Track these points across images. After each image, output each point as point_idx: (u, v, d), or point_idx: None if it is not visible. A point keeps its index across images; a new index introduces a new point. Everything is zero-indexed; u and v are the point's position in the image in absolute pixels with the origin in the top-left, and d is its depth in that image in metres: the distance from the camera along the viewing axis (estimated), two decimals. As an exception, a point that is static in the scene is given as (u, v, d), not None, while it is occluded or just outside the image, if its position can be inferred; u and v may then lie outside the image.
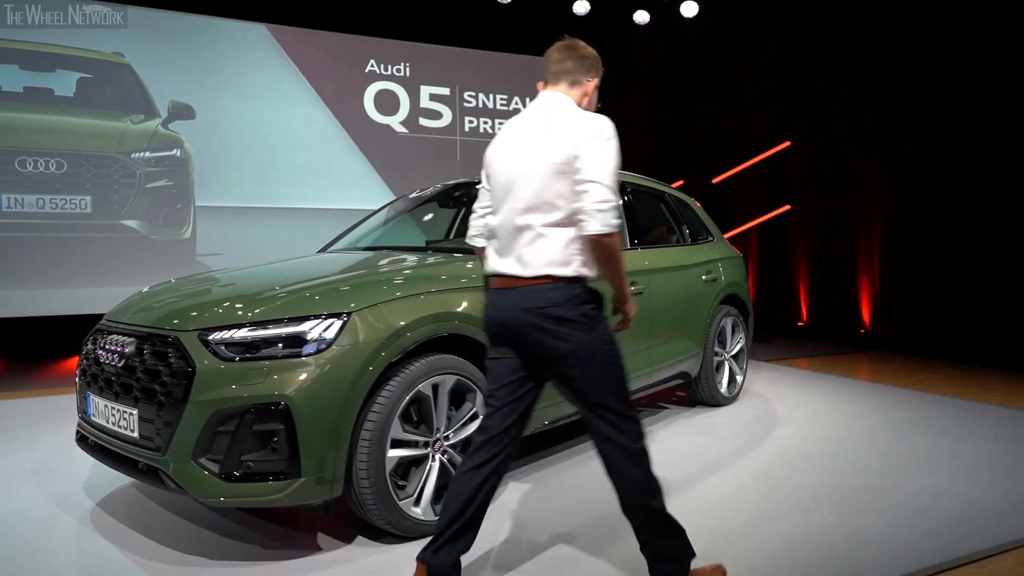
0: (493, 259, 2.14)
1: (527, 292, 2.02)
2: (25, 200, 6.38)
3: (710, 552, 2.45)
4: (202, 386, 2.32)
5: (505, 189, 2.10)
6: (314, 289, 2.61)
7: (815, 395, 5.11)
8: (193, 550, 2.56)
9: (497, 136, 2.24)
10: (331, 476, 2.37)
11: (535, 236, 2.02)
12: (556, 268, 2.01)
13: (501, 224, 2.10)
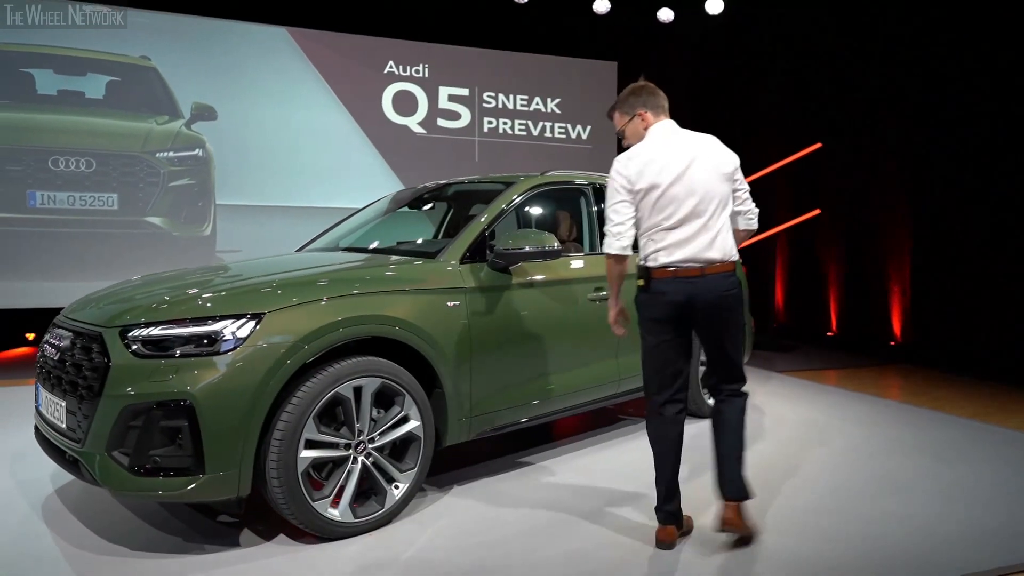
0: (674, 253, 2.53)
1: (719, 276, 2.53)
2: (57, 197, 6.74)
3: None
4: (115, 381, 2.39)
5: (686, 196, 2.53)
6: (236, 289, 2.66)
7: (813, 409, 4.87)
8: (120, 540, 2.64)
9: (646, 159, 2.59)
10: (237, 474, 2.40)
11: (721, 229, 2.54)
12: (732, 255, 2.59)
13: (684, 225, 2.52)
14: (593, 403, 3.77)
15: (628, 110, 2.75)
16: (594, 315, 3.70)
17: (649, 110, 2.71)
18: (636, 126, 2.74)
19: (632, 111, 2.73)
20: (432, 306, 2.95)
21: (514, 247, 3.19)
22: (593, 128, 8.88)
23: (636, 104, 2.72)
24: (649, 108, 2.71)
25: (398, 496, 2.81)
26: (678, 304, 2.55)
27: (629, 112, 2.74)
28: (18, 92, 6.66)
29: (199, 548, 2.59)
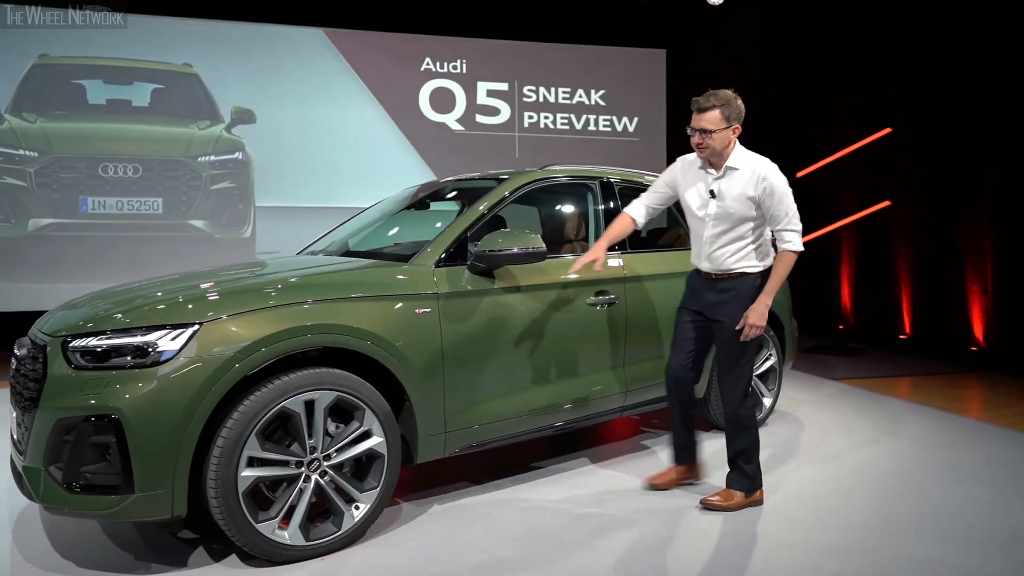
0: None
1: None
2: (106, 202, 6.99)
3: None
4: (49, 393, 2.31)
5: None
6: (175, 299, 2.52)
7: (864, 424, 4.37)
8: (71, 554, 2.58)
9: None
10: (170, 493, 2.27)
11: None
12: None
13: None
14: (595, 417, 3.46)
15: (734, 118, 2.84)
16: (594, 321, 3.40)
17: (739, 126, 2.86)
18: (729, 136, 2.85)
19: (734, 121, 2.83)
20: (396, 313, 2.74)
21: (494, 248, 2.94)
22: (641, 120, 8.46)
23: (739, 115, 2.85)
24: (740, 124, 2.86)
25: (358, 518, 2.62)
26: None
27: (734, 120, 2.84)
28: (71, 103, 6.95)
29: (144, 567, 2.49)
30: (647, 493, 3.19)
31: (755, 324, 2.83)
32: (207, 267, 3.37)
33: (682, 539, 2.71)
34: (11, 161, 6.78)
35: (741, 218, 2.84)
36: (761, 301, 2.84)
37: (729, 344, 2.91)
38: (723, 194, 2.85)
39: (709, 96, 2.83)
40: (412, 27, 7.77)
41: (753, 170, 2.83)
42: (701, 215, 2.91)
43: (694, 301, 3.02)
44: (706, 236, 2.90)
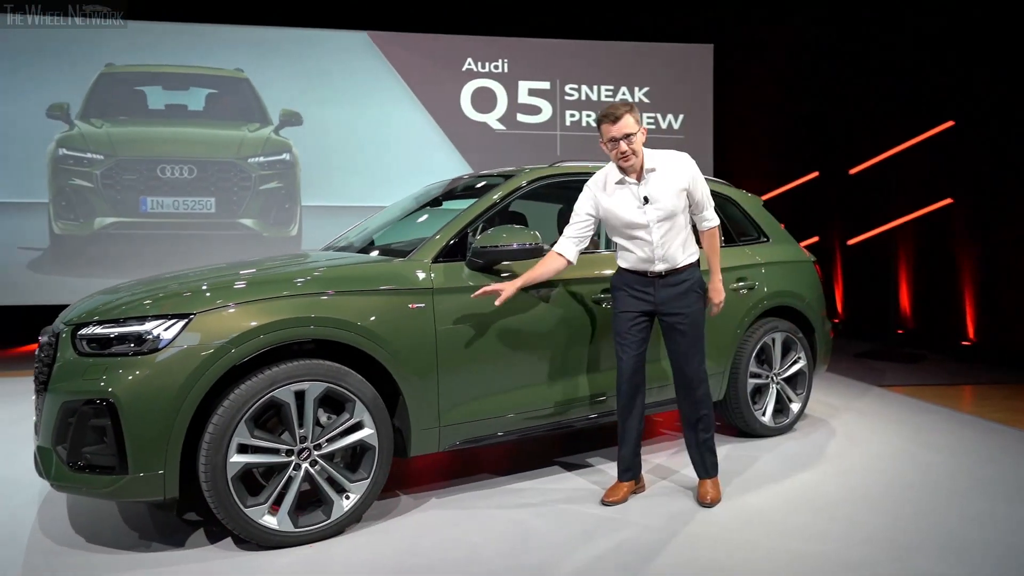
0: None
1: None
2: (164, 202, 7.38)
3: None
4: (57, 377, 2.46)
5: None
6: (175, 290, 2.64)
7: (900, 435, 4.13)
8: (83, 530, 2.74)
9: None
10: (162, 475, 2.38)
11: None
12: None
13: None
14: (602, 417, 3.41)
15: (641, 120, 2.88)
16: (600, 319, 3.35)
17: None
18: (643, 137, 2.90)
19: (641, 125, 2.87)
20: (389, 307, 2.78)
21: (490, 244, 2.95)
22: (687, 117, 8.28)
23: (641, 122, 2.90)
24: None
25: (347, 507, 2.68)
26: None
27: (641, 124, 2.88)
28: (133, 108, 7.37)
29: (146, 545, 2.62)
30: (645, 496, 3.12)
31: (719, 301, 3.12)
32: (223, 262, 3.49)
33: (676, 542, 2.64)
34: (80, 164, 7.25)
35: (678, 211, 2.93)
36: (715, 279, 3.10)
37: (691, 332, 2.97)
38: (656, 196, 2.89)
39: (616, 104, 2.86)
40: (454, 28, 7.86)
41: (672, 164, 2.92)
42: (643, 222, 2.91)
43: (639, 303, 2.99)
44: (655, 240, 2.91)
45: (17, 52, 7.14)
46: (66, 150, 7.20)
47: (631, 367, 3.00)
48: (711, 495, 3.02)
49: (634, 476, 3.11)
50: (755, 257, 4.08)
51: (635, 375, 3.01)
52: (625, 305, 3.01)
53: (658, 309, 2.98)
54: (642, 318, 3.01)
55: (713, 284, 3.07)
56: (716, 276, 3.07)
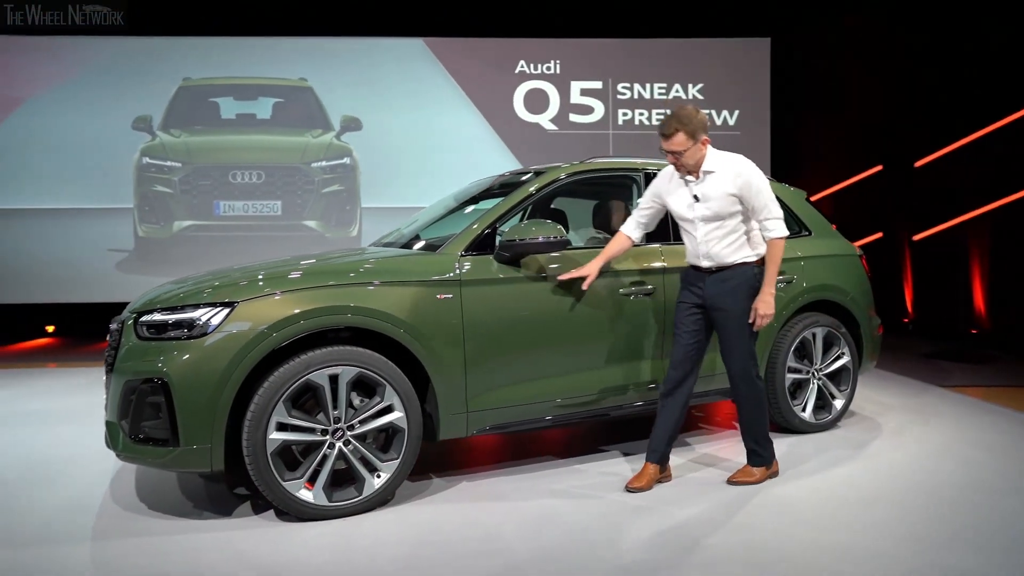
0: None
1: None
2: (235, 205, 7.86)
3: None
4: (121, 359, 2.74)
5: None
6: (226, 280, 2.88)
7: (946, 433, 3.99)
8: (146, 497, 3.03)
9: None
10: (209, 449, 2.62)
11: None
12: None
13: None
14: (630, 407, 3.47)
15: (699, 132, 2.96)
16: (629, 311, 3.41)
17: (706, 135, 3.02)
18: (698, 149, 2.99)
19: (700, 135, 2.96)
20: (418, 298, 2.94)
21: (517, 238, 3.07)
22: (743, 113, 8.16)
23: (703, 127, 2.98)
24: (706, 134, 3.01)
25: (378, 485, 2.85)
26: None
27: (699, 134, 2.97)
28: (208, 118, 7.90)
29: (197, 513, 2.87)
30: (671, 485, 3.16)
31: (765, 314, 3.03)
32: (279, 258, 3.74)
33: (698, 531, 2.68)
34: (161, 171, 7.82)
35: (727, 214, 3.04)
36: (765, 291, 3.05)
37: (732, 328, 3.06)
38: (705, 196, 3.04)
39: (670, 122, 2.98)
40: (506, 31, 8.02)
41: (728, 169, 3.03)
42: (690, 217, 3.10)
43: (693, 295, 3.15)
44: (699, 236, 3.09)
45: (104, 71, 7.77)
46: (149, 159, 7.78)
47: (679, 356, 3.14)
48: (735, 474, 3.20)
49: (660, 461, 3.16)
50: (794, 251, 4.02)
51: (682, 364, 3.13)
52: (682, 296, 3.21)
53: (706, 303, 3.11)
54: (695, 310, 3.14)
55: (761, 295, 3.04)
56: (766, 287, 3.03)
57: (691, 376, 3.14)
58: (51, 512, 2.90)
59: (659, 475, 3.18)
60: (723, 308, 3.05)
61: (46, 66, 7.76)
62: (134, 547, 2.57)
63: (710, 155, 3.05)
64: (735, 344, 3.08)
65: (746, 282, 3.05)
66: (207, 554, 2.50)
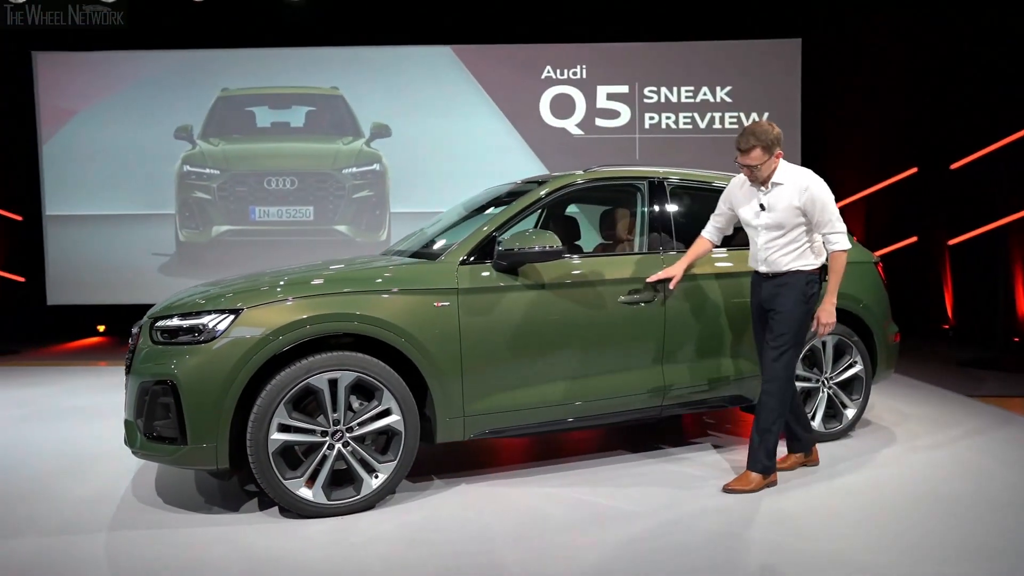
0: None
1: None
2: (270, 211, 8.14)
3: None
4: (136, 361, 2.92)
5: None
6: (234, 288, 3.04)
7: (966, 446, 3.91)
8: (164, 491, 3.21)
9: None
10: (215, 447, 2.77)
11: None
12: None
13: None
14: (628, 414, 3.50)
15: (773, 146, 3.14)
16: (627, 319, 3.45)
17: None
18: (772, 163, 3.18)
19: (774, 149, 3.15)
20: (416, 306, 3.04)
21: (512, 247, 3.15)
22: (772, 115, 8.04)
23: (777, 141, 3.15)
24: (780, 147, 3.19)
25: (376, 485, 2.97)
26: None
27: (774, 148, 3.15)
28: (244, 127, 8.20)
29: (208, 508, 3.04)
30: (672, 492, 3.19)
31: (826, 322, 3.22)
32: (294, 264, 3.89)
33: (689, 538, 2.72)
34: (200, 178, 8.15)
35: (790, 225, 3.19)
36: (827, 301, 3.23)
37: (778, 329, 3.21)
38: (772, 206, 3.22)
39: (747, 138, 3.14)
40: (533, 37, 8.09)
41: (796, 183, 3.18)
42: (755, 224, 3.29)
43: (755, 297, 3.39)
44: (760, 243, 3.28)
45: (149, 83, 8.15)
46: (189, 166, 8.13)
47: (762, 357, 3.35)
48: (731, 481, 3.22)
49: (802, 449, 3.48)
50: (804, 258, 3.99)
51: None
52: (751, 302, 3.44)
53: (763, 304, 3.32)
54: (759, 312, 3.37)
55: (823, 305, 3.23)
56: (828, 298, 3.22)
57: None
58: (75, 503, 3.11)
59: (804, 460, 3.49)
60: (773, 309, 3.23)
61: (96, 80, 8.19)
62: (145, 538, 2.74)
63: (781, 167, 3.21)
64: (774, 343, 3.21)
65: (797, 287, 3.20)
66: (211, 546, 2.65)
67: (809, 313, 3.22)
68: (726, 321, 3.70)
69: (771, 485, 3.24)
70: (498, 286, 3.21)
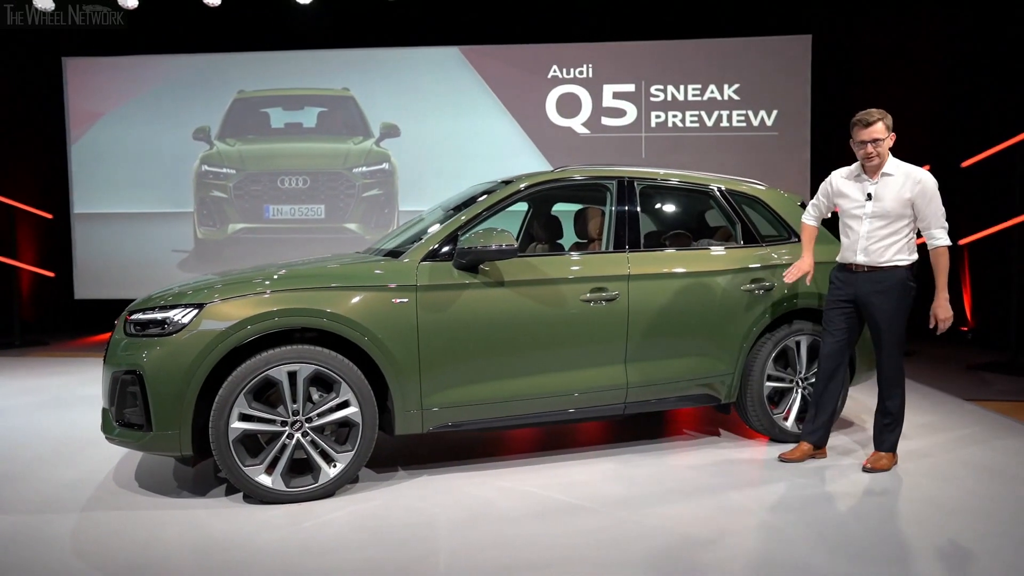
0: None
1: None
2: (282, 209, 8.38)
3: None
4: (110, 352, 3.10)
5: None
6: (202, 284, 3.19)
7: (946, 453, 3.85)
8: (142, 477, 3.39)
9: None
10: (178, 434, 2.93)
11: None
12: None
13: None
14: (591, 411, 3.56)
15: (891, 128, 3.31)
16: (588, 317, 3.51)
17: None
18: (890, 143, 3.33)
19: (891, 131, 3.30)
20: (373, 302, 3.15)
21: (472, 246, 3.23)
22: (781, 112, 7.94)
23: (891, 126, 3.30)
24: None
25: (333, 474, 3.09)
26: None
27: (891, 130, 3.31)
28: (259, 128, 8.45)
29: (177, 492, 3.21)
30: (619, 488, 3.24)
31: (944, 317, 3.35)
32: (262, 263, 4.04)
33: (627, 535, 2.77)
34: (217, 178, 8.44)
35: (897, 216, 3.31)
36: (941, 296, 3.36)
37: (884, 325, 3.38)
38: (880, 196, 3.35)
39: (871, 111, 3.32)
40: (539, 37, 8.14)
41: (907, 175, 3.32)
42: (859, 214, 3.40)
43: (844, 292, 3.49)
44: (863, 232, 3.39)
45: (170, 86, 8.46)
46: (207, 166, 8.42)
47: (827, 351, 3.54)
48: (870, 461, 3.47)
49: (817, 441, 3.61)
50: (777, 258, 3.99)
51: (833, 357, 3.53)
52: (832, 295, 3.55)
53: (858, 300, 3.44)
54: (846, 307, 3.49)
55: (937, 301, 3.35)
56: (940, 294, 3.35)
57: (842, 367, 3.55)
58: (56, 486, 3.31)
59: (812, 452, 3.61)
60: (876, 305, 3.36)
61: (121, 83, 8.53)
62: (114, 518, 2.92)
63: (891, 160, 3.36)
64: (887, 339, 3.38)
65: (899, 283, 3.34)
66: (169, 526, 2.81)
67: (908, 308, 3.37)
68: (691, 320, 3.72)
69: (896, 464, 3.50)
70: (457, 283, 3.30)
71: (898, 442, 3.54)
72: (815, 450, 3.64)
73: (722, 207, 4.09)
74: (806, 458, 3.61)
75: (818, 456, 3.66)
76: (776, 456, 3.66)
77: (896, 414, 3.49)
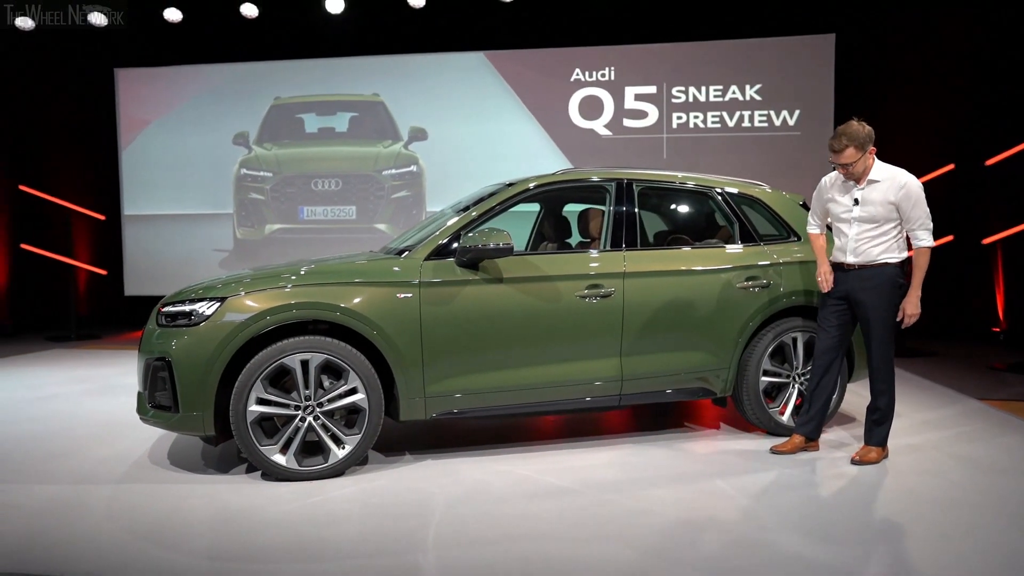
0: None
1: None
2: (316, 211, 8.75)
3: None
4: (144, 341, 3.42)
5: None
6: (229, 279, 3.49)
7: (948, 452, 3.90)
8: (173, 455, 3.71)
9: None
10: (201, 416, 3.22)
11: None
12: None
13: None
14: (587, 402, 3.73)
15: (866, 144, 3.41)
16: (584, 312, 3.68)
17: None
18: (866, 160, 3.45)
19: (867, 147, 3.42)
20: (380, 296, 3.39)
21: (471, 245, 3.45)
22: (803, 112, 7.95)
23: (869, 139, 3.42)
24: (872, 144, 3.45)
25: (342, 455, 3.35)
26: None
27: (867, 146, 3.42)
28: (294, 132, 8.84)
29: (203, 469, 3.51)
30: (610, 474, 3.41)
31: (913, 313, 3.52)
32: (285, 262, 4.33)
33: (607, 524, 2.95)
34: (256, 181, 8.85)
35: (884, 219, 3.47)
36: (912, 293, 3.51)
37: (874, 321, 3.51)
38: (866, 201, 3.50)
39: (840, 138, 3.43)
40: (562, 41, 8.32)
41: (892, 180, 3.46)
42: (847, 218, 3.56)
43: (837, 289, 3.63)
44: (852, 235, 3.54)
45: (212, 94, 8.92)
46: (246, 170, 8.84)
47: (822, 347, 3.68)
48: (859, 454, 3.59)
49: (809, 434, 3.73)
50: (774, 256, 4.09)
51: (828, 352, 3.66)
52: (827, 291, 3.66)
53: (849, 297, 3.58)
54: (839, 304, 3.63)
55: (908, 297, 3.52)
56: (913, 291, 3.51)
57: (836, 362, 3.67)
58: (95, 462, 3.65)
59: (805, 445, 3.74)
60: (866, 303, 3.51)
61: (167, 92, 9.03)
62: (143, 490, 3.23)
63: (877, 166, 3.50)
64: (876, 334, 3.51)
65: (888, 280, 3.48)
66: (189, 499, 3.11)
67: (898, 305, 3.49)
68: (686, 317, 3.86)
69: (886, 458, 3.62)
70: (458, 279, 3.52)
71: (888, 436, 3.62)
72: (807, 443, 3.75)
73: (720, 208, 4.21)
74: (798, 450, 3.72)
75: (810, 449, 3.76)
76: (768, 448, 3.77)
77: (885, 409, 3.58)
